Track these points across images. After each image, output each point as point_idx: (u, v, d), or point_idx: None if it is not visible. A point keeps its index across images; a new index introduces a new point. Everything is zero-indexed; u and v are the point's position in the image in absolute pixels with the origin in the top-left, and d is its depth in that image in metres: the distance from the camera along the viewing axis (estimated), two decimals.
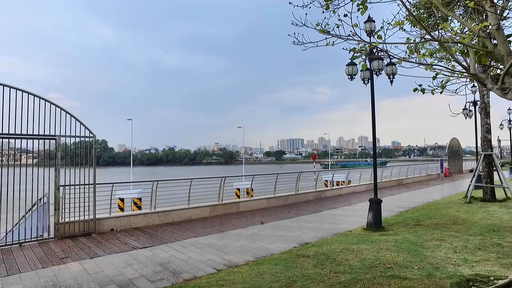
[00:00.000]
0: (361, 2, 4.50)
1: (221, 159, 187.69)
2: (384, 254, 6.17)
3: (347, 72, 8.61)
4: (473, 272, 4.90)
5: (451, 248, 6.48)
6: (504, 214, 10.11)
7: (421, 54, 4.60)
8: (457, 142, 34.52)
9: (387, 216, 10.47)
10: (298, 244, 7.36)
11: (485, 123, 14.62)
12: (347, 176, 19.55)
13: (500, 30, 3.96)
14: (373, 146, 9.82)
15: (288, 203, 14.14)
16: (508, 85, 3.77)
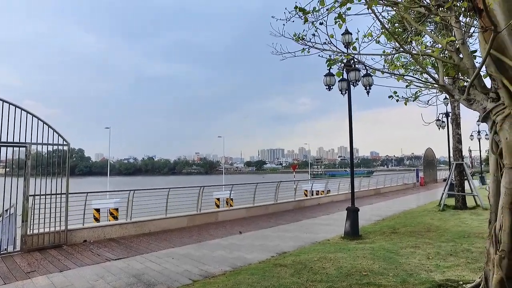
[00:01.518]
0: (338, 15, 4.63)
1: (201, 169, 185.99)
2: (361, 262, 6.23)
3: (325, 82, 8.78)
4: (444, 278, 5.02)
5: (424, 255, 6.62)
6: (474, 221, 10.47)
7: (393, 65, 4.76)
8: (431, 152, 35.64)
9: (365, 224, 10.62)
10: (276, 254, 7.33)
11: (456, 133, 15.20)
12: (326, 186, 19.76)
13: (465, 45, 4.16)
14: (351, 156, 10.00)
15: (267, 213, 14.11)
16: (473, 96, 3.94)
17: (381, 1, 4.43)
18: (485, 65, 3.63)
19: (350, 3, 4.19)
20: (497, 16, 3.34)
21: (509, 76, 3.52)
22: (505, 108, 3.54)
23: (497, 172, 3.71)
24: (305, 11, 4.50)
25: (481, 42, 3.76)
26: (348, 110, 9.30)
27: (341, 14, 4.59)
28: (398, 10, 4.78)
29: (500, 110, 3.60)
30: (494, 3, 3.29)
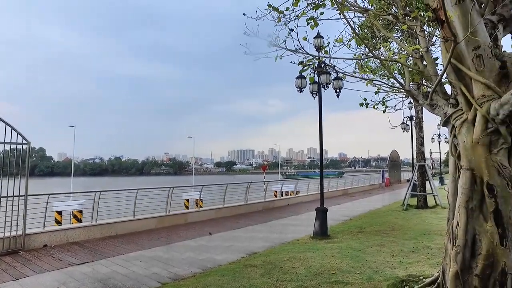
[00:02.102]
0: (310, 18, 4.72)
1: (171, 169, 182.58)
2: (329, 261, 6.38)
3: (297, 84, 8.92)
4: (407, 273, 5.26)
5: (389, 253, 6.89)
6: (434, 220, 11.05)
7: (363, 69, 4.92)
8: (396, 154, 37.17)
9: (333, 224, 10.87)
10: (246, 254, 7.34)
11: (419, 136, 15.95)
12: (295, 187, 20.04)
13: (428, 53, 4.38)
14: (320, 157, 10.22)
15: (237, 214, 14.09)
16: (435, 102, 4.16)
17: (352, 7, 4.56)
18: (446, 72, 3.84)
19: (322, 7, 4.28)
20: (457, 28, 3.54)
21: (467, 84, 3.75)
22: (463, 113, 3.77)
23: (455, 173, 3.93)
24: (279, 10, 4.54)
25: (442, 51, 3.98)
26: (319, 112, 9.50)
27: (313, 18, 4.68)
28: (368, 16, 4.94)
29: (459, 115, 3.82)
30: (454, 16, 3.49)
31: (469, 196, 3.62)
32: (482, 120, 3.52)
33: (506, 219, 3.44)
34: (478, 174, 3.58)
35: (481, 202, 3.60)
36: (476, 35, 3.46)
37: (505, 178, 3.42)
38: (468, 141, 3.65)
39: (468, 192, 3.62)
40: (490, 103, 3.44)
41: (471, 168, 3.61)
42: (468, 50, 3.59)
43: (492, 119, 3.42)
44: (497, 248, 3.43)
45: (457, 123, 3.82)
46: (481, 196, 3.58)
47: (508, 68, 3.55)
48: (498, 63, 3.54)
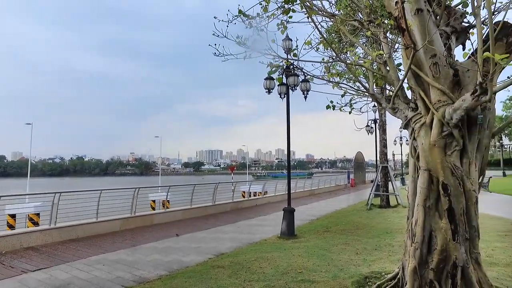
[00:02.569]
0: (280, 22, 4.79)
1: (137, 169, 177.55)
2: (296, 260, 6.48)
3: (265, 86, 9.00)
4: (370, 270, 5.47)
5: (353, 251, 7.12)
6: (395, 218, 11.56)
7: (330, 73, 5.05)
8: (361, 155, 38.44)
9: (300, 224, 11.06)
10: (214, 255, 7.29)
11: (383, 138, 16.63)
12: (263, 187, 20.17)
13: (391, 59, 4.59)
14: (288, 158, 10.36)
15: (205, 214, 13.96)
16: (397, 105, 4.37)
17: (320, 12, 4.68)
18: (407, 78, 4.05)
19: (293, 12, 4.36)
20: (416, 37, 3.74)
21: (425, 89, 3.97)
22: (422, 117, 3.99)
23: (415, 173, 4.15)
24: (248, 16, 4.57)
25: (404, 58, 4.18)
26: (286, 114, 9.63)
27: (283, 22, 4.76)
28: (335, 21, 5.09)
29: (418, 119, 4.04)
30: (414, 25, 3.69)
31: (426, 195, 3.83)
32: (438, 123, 3.74)
33: (458, 216, 3.68)
34: (434, 175, 3.80)
35: (437, 201, 3.82)
36: (433, 44, 3.68)
37: (457, 178, 3.66)
38: (426, 143, 3.87)
39: (426, 191, 3.84)
40: (445, 108, 3.67)
41: (429, 169, 3.83)
42: (426, 58, 3.80)
43: (447, 123, 3.65)
44: (450, 243, 3.67)
45: (417, 126, 4.03)
46: (437, 195, 3.80)
47: (460, 76, 3.81)
48: (452, 71, 3.79)
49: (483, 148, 3.93)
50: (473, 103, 3.34)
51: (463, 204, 3.69)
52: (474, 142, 3.81)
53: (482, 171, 4.01)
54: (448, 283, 3.68)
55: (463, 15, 4.18)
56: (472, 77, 3.72)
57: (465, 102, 3.41)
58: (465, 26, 4.18)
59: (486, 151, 4.02)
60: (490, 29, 3.08)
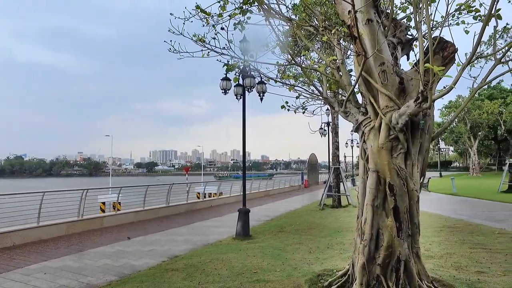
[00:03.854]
0: (238, 22, 4.80)
1: (85, 170, 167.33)
2: (251, 260, 6.53)
3: (221, 86, 8.97)
4: (322, 268, 5.66)
5: (307, 250, 7.33)
6: (346, 218, 12.09)
7: (286, 75, 5.16)
8: (315, 157, 39.68)
9: (255, 225, 11.15)
10: (168, 258, 7.11)
11: (335, 141, 17.32)
12: (218, 188, 20.07)
13: (344, 65, 4.81)
14: (243, 159, 10.41)
15: (158, 216, 13.57)
16: (349, 109, 4.59)
17: (277, 15, 4.77)
18: (358, 83, 4.27)
19: (250, 13, 4.40)
20: (367, 45, 3.96)
21: (374, 95, 4.22)
22: (371, 121, 4.23)
23: (364, 175, 4.38)
24: (206, 12, 4.53)
25: (355, 64, 4.41)
26: (242, 115, 9.68)
27: (241, 22, 4.78)
28: (291, 25, 5.21)
29: (367, 123, 4.28)
30: (364, 34, 3.90)
31: (375, 195, 4.07)
32: (385, 127, 3.98)
33: (402, 214, 3.95)
34: (382, 176, 4.04)
35: (384, 200, 4.07)
36: (381, 52, 3.92)
37: (402, 179, 3.92)
38: (374, 146, 4.10)
39: (374, 191, 4.07)
40: (392, 113, 3.92)
41: (377, 170, 4.06)
42: (375, 65, 4.04)
43: (393, 127, 3.90)
44: (395, 239, 3.92)
45: (366, 130, 4.27)
46: (384, 195, 4.05)
47: (405, 84, 4.10)
48: (398, 79, 4.06)
49: (424, 151, 4.25)
50: (416, 109, 3.60)
51: (406, 203, 3.97)
52: (416, 145, 4.12)
53: (423, 172, 4.34)
54: (392, 277, 3.93)
55: (407, 28, 4.51)
56: (415, 86, 4.02)
57: (409, 108, 3.67)
58: (409, 38, 4.51)
59: (427, 153, 4.36)
60: (429, 43, 3.36)
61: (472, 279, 5.02)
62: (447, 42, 4.06)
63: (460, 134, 51.31)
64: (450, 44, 4.04)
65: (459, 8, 4.66)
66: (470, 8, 4.62)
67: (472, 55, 3.42)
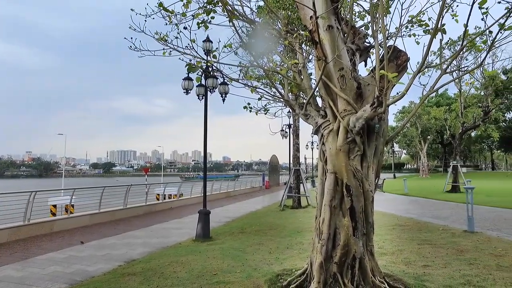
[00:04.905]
0: (202, 21, 4.75)
1: (34, 171, 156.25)
2: (211, 262, 6.47)
3: (183, 86, 8.82)
4: (282, 268, 5.75)
5: (267, 250, 7.40)
6: (306, 218, 12.38)
7: (247, 76, 5.19)
8: (276, 158, 40.18)
9: (215, 226, 11.07)
10: (124, 262, 6.84)
11: (296, 143, 17.67)
12: (179, 189, 19.68)
13: (305, 68, 4.93)
14: (204, 160, 10.29)
15: (116, 219, 13.02)
16: (309, 112, 4.71)
17: (241, 17, 4.79)
18: (318, 87, 4.40)
19: (214, 13, 4.37)
20: (327, 50, 4.09)
21: (333, 99, 4.36)
22: (330, 124, 4.37)
23: (323, 176, 4.52)
24: (169, 10, 4.45)
25: (316, 69, 4.53)
26: (204, 115, 9.58)
27: (205, 21, 4.74)
28: (255, 28, 5.25)
29: (326, 125, 4.42)
30: (325, 39, 4.03)
31: (332, 196, 4.21)
32: (343, 130, 4.14)
33: (358, 214, 4.12)
34: (339, 177, 4.19)
35: (341, 201, 4.22)
36: (341, 58, 4.07)
37: (358, 180, 4.10)
38: (333, 148, 4.24)
39: (332, 192, 4.21)
40: (349, 116, 4.08)
41: (335, 171, 4.21)
42: (334, 70, 4.18)
43: (350, 130, 4.06)
44: (351, 238, 4.09)
45: (325, 132, 4.40)
46: (341, 196, 4.20)
47: (362, 89, 4.29)
48: (356, 84, 4.24)
49: (379, 153, 4.47)
50: (371, 114, 3.78)
51: (362, 203, 4.15)
52: (372, 148, 4.32)
53: (377, 174, 4.56)
54: (348, 274, 4.09)
55: (365, 36, 4.73)
56: (371, 91, 4.22)
57: (365, 112, 3.84)
58: (367, 45, 4.73)
59: (381, 156, 4.58)
60: (384, 51, 3.54)
61: (419, 273, 5.40)
62: (400, 51, 4.30)
63: (412, 138, 54.67)
64: (403, 53, 4.29)
65: (411, 20, 4.97)
66: (421, 22, 4.96)
67: (421, 64, 3.66)
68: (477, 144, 66.92)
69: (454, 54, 4.10)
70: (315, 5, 3.77)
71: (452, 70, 5.39)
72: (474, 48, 4.06)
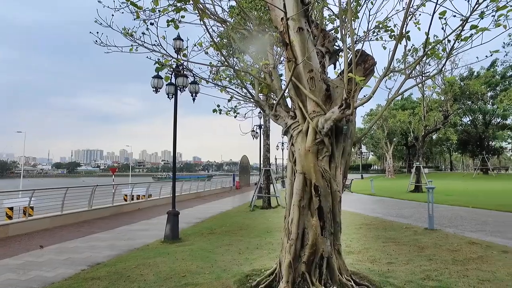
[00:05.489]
0: (171, 19, 4.65)
1: None
2: (180, 264, 6.36)
3: (152, 84, 8.62)
4: (251, 268, 5.75)
5: (237, 251, 7.38)
6: (276, 218, 12.48)
7: (217, 76, 5.15)
8: (246, 159, 40.23)
9: (185, 227, 10.90)
10: (88, 266, 6.56)
11: (266, 143, 17.78)
12: (147, 190, 19.21)
13: (275, 69, 4.97)
14: (173, 160, 10.10)
15: (80, 221, 12.49)
16: (279, 113, 4.75)
17: (212, 16, 4.74)
18: (288, 88, 4.44)
19: (184, 11, 4.29)
20: (297, 52, 4.14)
21: (303, 100, 4.42)
22: (300, 125, 4.42)
23: (292, 176, 4.56)
24: (137, 6, 4.32)
25: (286, 70, 4.57)
26: (174, 115, 9.41)
27: (174, 20, 4.64)
28: (226, 27, 5.22)
29: (296, 126, 4.47)
30: (295, 41, 4.08)
31: (301, 196, 4.26)
32: (312, 131, 4.20)
33: (325, 213, 4.20)
34: (308, 177, 4.25)
35: (310, 201, 4.29)
36: (310, 60, 4.13)
37: (326, 180, 4.17)
38: (302, 149, 4.30)
39: (301, 192, 4.26)
40: (318, 118, 4.15)
41: (304, 172, 4.26)
42: (304, 72, 4.24)
43: (319, 131, 4.14)
44: (319, 238, 4.16)
45: (295, 133, 4.45)
46: (310, 196, 4.26)
47: (331, 91, 4.38)
48: (325, 86, 4.32)
49: (346, 154, 4.58)
50: (340, 115, 3.87)
51: (330, 203, 4.23)
52: (340, 149, 4.42)
53: (345, 174, 4.67)
54: (316, 273, 4.16)
55: (335, 39, 4.83)
56: (340, 93, 4.32)
57: (334, 114, 3.92)
58: (336, 48, 4.83)
59: (349, 157, 4.70)
60: (352, 54, 3.64)
61: (383, 270, 5.60)
62: (368, 56, 4.44)
63: (378, 140, 56.69)
64: (370, 57, 4.43)
65: (378, 26, 5.15)
66: (387, 27, 5.14)
67: (387, 68, 3.79)
68: (437, 146, 70.51)
69: (417, 60, 4.29)
70: (286, 7, 3.81)
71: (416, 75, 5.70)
72: (435, 55, 4.26)
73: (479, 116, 51.93)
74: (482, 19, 3.24)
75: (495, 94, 47.26)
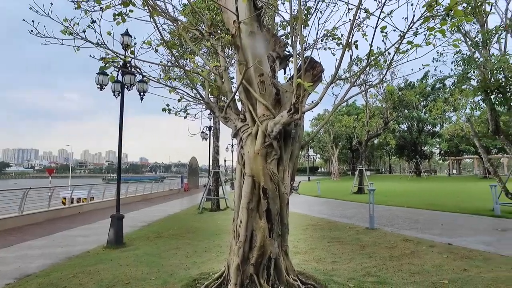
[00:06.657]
0: (118, 13, 4.43)
1: None
2: (123, 270, 6.06)
3: (97, 81, 8.15)
4: (199, 272, 5.65)
5: (184, 255, 7.22)
6: (224, 220, 12.44)
7: (167, 76, 5.02)
8: (195, 160, 39.61)
9: (130, 231, 10.43)
10: (15, 279, 5.92)
11: (216, 145, 17.69)
12: (89, 192, 18.07)
13: (226, 72, 4.96)
14: (118, 161, 9.63)
15: (7, 228, 11.33)
16: (229, 115, 4.75)
17: (163, 14, 4.61)
18: (238, 91, 4.46)
19: (133, 6, 4.12)
20: (248, 55, 4.19)
21: (253, 103, 4.47)
22: (249, 128, 4.46)
23: (241, 179, 4.58)
24: None
25: (237, 73, 4.60)
26: (120, 114, 8.97)
27: (121, 13, 4.43)
28: (177, 26, 5.11)
29: (246, 129, 4.50)
30: (247, 44, 4.12)
31: (249, 199, 4.29)
32: (262, 135, 4.26)
33: (273, 216, 4.28)
34: (257, 180, 4.30)
35: (258, 203, 4.34)
36: (261, 64, 4.19)
37: (275, 183, 4.26)
38: (251, 152, 4.34)
39: (249, 195, 4.29)
40: (268, 121, 4.23)
41: (252, 175, 4.30)
42: (255, 75, 4.30)
43: (268, 134, 4.21)
44: (267, 239, 4.22)
45: (244, 136, 4.48)
46: (258, 198, 4.31)
47: (281, 95, 4.48)
48: (275, 90, 4.41)
49: (294, 157, 4.71)
50: (288, 119, 3.97)
51: (278, 205, 4.32)
52: (288, 152, 4.53)
53: (293, 177, 4.80)
54: (264, 275, 4.21)
55: (285, 45, 4.95)
56: (289, 98, 4.43)
57: (283, 118, 4.01)
58: (286, 54, 4.96)
59: (297, 160, 4.84)
60: (302, 61, 3.76)
61: (328, 269, 5.85)
62: (316, 63, 4.61)
63: (325, 144, 59.15)
64: (319, 64, 4.61)
65: (326, 34, 5.38)
66: (334, 36, 5.40)
67: (334, 76, 3.98)
68: (378, 150, 75.42)
69: (361, 69, 4.56)
70: (239, 10, 3.83)
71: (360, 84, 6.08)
72: (377, 66, 4.56)
73: (414, 123, 56.63)
74: (416, 36, 3.53)
75: (427, 103, 51.84)
